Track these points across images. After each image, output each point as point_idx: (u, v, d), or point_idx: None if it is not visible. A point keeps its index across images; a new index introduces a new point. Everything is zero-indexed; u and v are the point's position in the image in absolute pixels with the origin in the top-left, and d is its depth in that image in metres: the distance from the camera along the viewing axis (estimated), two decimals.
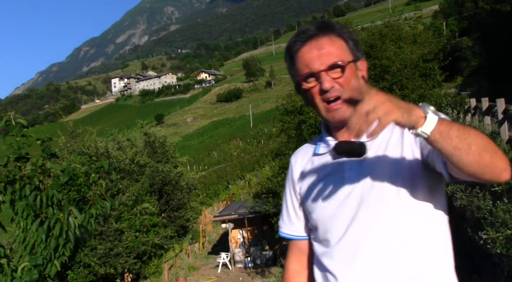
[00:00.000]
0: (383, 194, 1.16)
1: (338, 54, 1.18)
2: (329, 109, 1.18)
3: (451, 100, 13.14)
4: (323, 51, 1.17)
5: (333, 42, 1.19)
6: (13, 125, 2.78)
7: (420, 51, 12.85)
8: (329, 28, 1.22)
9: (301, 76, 1.19)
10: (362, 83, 1.22)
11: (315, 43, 1.19)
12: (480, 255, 4.69)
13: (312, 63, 1.17)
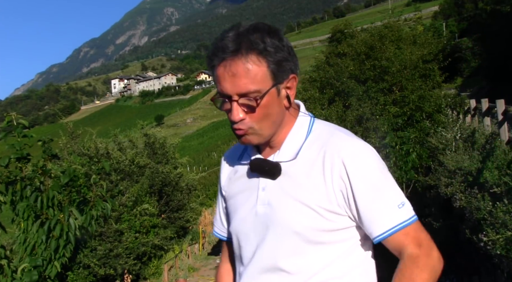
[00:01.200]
0: (289, 223, 1.08)
1: (254, 83, 1.04)
2: (237, 134, 1.11)
3: (450, 101, 13.15)
4: (236, 79, 1.04)
5: (248, 69, 1.03)
6: (15, 126, 2.78)
7: (419, 52, 12.86)
8: (250, 46, 1.04)
9: (216, 95, 1.10)
10: (282, 109, 1.11)
11: (229, 67, 1.04)
12: (480, 256, 4.69)
13: (225, 88, 1.05)
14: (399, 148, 8.27)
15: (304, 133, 1.15)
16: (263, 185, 1.14)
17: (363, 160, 1.08)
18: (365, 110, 11.96)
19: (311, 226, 1.08)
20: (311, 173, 1.09)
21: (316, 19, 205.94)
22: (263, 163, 1.13)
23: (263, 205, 1.13)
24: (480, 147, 6.75)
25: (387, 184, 1.09)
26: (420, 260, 1.05)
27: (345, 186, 1.07)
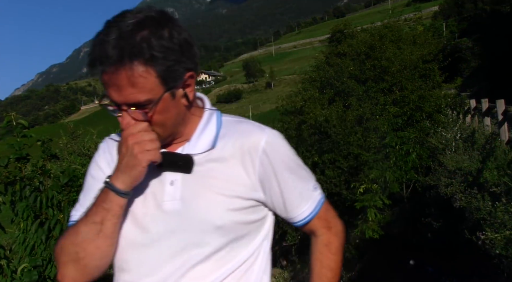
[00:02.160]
0: (211, 218, 1.02)
1: (143, 92, 0.95)
2: None
3: (451, 101, 13.15)
4: (123, 91, 0.94)
5: (134, 80, 0.93)
6: (15, 126, 2.79)
7: (419, 52, 12.87)
8: (134, 54, 0.92)
9: (104, 99, 1.00)
10: (180, 109, 1.03)
11: (113, 78, 0.94)
12: (480, 256, 4.69)
13: (112, 96, 0.96)
14: (399, 148, 8.28)
15: (214, 125, 1.09)
16: (171, 179, 1.04)
17: (281, 148, 1.10)
18: (365, 110, 11.96)
19: (235, 219, 1.05)
20: (229, 164, 1.05)
21: (316, 19, 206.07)
22: (174, 157, 1.04)
23: (172, 201, 1.03)
24: (480, 147, 6.76)
25: (303, 169, 1.15)
26: (332, 245, 1.18)
27: (268, 174, 1.07)
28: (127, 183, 0.97)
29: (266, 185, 1.08)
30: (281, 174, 1.09)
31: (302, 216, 1.15)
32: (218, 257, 1.04)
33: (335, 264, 1.17)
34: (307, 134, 12.84)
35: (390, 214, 9.08)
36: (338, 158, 12.01)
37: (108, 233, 0.99)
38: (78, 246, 0.99)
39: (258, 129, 1.10)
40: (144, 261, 1.03)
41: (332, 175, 11.95)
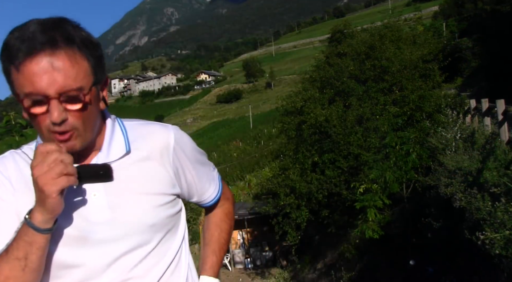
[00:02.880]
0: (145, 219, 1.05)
1: (77, 79, 0.92)
2: (60, 139, 0.94)
3: (451, 101, 13.14)
4: (57, 74, 0.90)
5: (71, 63, 0.91)
6: (13, 125, 2.78)
7: (419, 52, 12.87)
8: (68, 38, 0.91)
9: (25, 97, 0.91)
10: (99, 111, 1.02)
11: (46, 59, 0.89)
12: (480, 256, 4.68)
13: (40, 85, 0.89)
14: (399, 148, 8.27)
15: (119, 131, 1.09)
16: (92, 192, 1.01)
17: (187, 141, 1.21)
18: (365, 110, 11.95)
19: (164, 215, 1.09)
20: (147, 164, 1.08)
21: (316, 19, 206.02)
22: (93, 169, 1.01)
23: (100, 212, 1.01)
24: (480, 147, 6.75)
25: (202, 154, 1.28)
26: (231, 212, 1.37)
27: (182, 167, 1.15)
28: (46, 219, 0.91)
29: (181, 178, 1.16)
30: (192, 165, 1.19)
31: (212, 196, 1.29)
32: (156, 252, 1.08)
33: (231, 228, 1.36)
34: (307, 134, 12.83)
35: (390, 214, 9.08)
36: (338, 158, 12.01)
37: (34, 267, 0.93)
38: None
39: (164, 128, 1.16)
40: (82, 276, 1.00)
41: (332, 175, 11.95)
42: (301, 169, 12.99)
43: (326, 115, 12.24)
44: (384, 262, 8.69)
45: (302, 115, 13.24)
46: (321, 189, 12.08)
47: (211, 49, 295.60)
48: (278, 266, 16.71)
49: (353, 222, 10.08)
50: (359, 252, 10.29)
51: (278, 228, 13.84)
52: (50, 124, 0.92)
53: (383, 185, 7.98)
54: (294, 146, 13.76)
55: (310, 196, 12.34)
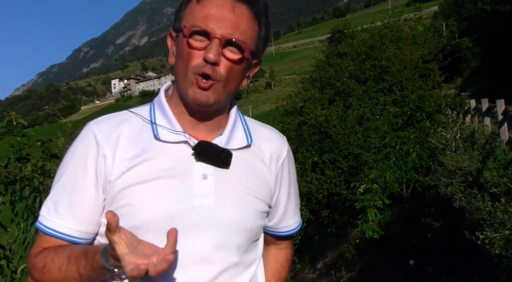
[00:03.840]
0: (243, 219, 0.98)
1: (245, 34, 0.91)
2: (201, 85, 0.90)
3: (450, 101, 13.14)
4: (231, 19, 0.90)
5: (248, 18, 0.92)
6: (15, 126, 2.78)
7: (419, 52, 12.88)
8: (260, 3, 0.95)
9: (191, 27, 0.90)
10: (239, 84, 0.98)
11: (232, 4, 0.90)
12: (479, 256, 4.69)
13: (212, 21, 0.89)
14: (399, 148, 8.27)
15: (241, 121, 1.05)
16: (203, 173, 0.94)
17: (293, 159, 1.14)
18: (365, 110, 11.95)
19: (260, 223, 1.03)
20: (260, 165, 1.03)
21: (316, 19, 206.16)
22: (216, 149, 0.95)
23: (205, 196, 0.94)
24: (480, 147, 6.76)
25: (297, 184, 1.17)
26: (290, 260, 1.23)
27: (281, 182, 1.08)
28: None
29: (275, 193, 1.07)
30: (289, 185, 1.10)
31: (292, 227, 1.16)
32: (244, 259, 1.00)
33: (287, 276, 1.22)
34: (307, 134, 12.83)
35: (390, 214, 9.08)
36: (338, 158, 12.01)
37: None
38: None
39: (281, 137, 1.11)
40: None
41: (332, 175, 11.95)
42: (301, 169, 12.99)
43: (326, 115, 12.25)
44: (384, 262, 8.69)
45: (302, 115, 13.25)
46: (321, 189, 12.08)
47: None
48: None
49: (353, 222, 10.08)
50: (359, 252, 10.29)
51: None
52: (200, 63, 0.89)
53: (383, 185, 7.98)
54: (294, 146, 13.76)
55: (310, 196, 12.34)
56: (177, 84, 0.97)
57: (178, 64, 0.93)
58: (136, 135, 0.96)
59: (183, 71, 0.91)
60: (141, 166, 0.92)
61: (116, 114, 1.03)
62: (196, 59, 0.89)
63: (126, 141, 0.95)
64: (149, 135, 0.96)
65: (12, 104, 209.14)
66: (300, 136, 13.33)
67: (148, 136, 0.96)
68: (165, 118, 0.98)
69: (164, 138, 0.95)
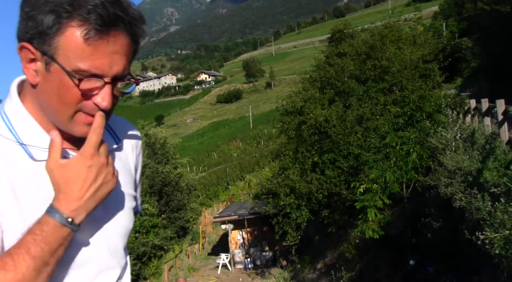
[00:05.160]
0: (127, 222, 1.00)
1: (127, 65, 0.86)
2: (90, 122, 0.84)
3: (451, 101, 13.14)
4: (123, 57, 0.83)
5: (129, 48, 0.84)
6: None
7: (420, 52, 12.87)
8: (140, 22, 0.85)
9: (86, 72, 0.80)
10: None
11: (124, 39, 0.82)
12: (479, 256, 4.69)
13: (104, 63, 0.80)
14: (399, 148, 8.27)
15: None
16: None
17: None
18: (365, 110, 11.95)
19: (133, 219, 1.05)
20: (125, 160, 1.03)
21: (316, 19, 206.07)
22: None
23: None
24: (480, 147, 6.75)
25: None
26: None
27: (138, 168, 1.09)
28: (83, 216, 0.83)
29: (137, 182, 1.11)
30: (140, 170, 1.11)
31: (139, 208, 1.15)
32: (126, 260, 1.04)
33: None
34: (307, 134, 12.83)
35: (390, 214, 9.07)
36: (338, 158, 12.01)
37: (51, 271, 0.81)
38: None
39: (133, 126, 1.09)
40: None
41: (332, 175, 11.95)
42: (301, 169, 12.99)
43: (326, 115, 12.24)
44: (384, 262, 8.69)
45: (302, 115, 13.25)
46: (321, 189, 12.08)
47: (211, 49, 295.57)
48: (278, 266, 16.71)
49: (353, 222, 10.08)
50: (359, 252, 10.29)
51: (278, 228, 13.84)
52: (89, 105, 0.83)
53: (383, 185, 7.98)
54: (294, 146, 13.76)
55: (310, 196, 12.34)
56: (48, 112, 0.86)
57: (54, 98, 0.82)
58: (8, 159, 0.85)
59: (66, 110, 0.83)
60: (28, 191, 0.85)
61: None
62: (85, 100, 0.83)
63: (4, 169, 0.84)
64: (23, 157, 0.86)
65: None
66: (300, 136, 13.33)
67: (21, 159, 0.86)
68: (30, 132, 0.87)
69: (40, 158, 0.86)
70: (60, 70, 0.80)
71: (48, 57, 0.80)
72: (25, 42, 0.81)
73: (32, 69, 0.83)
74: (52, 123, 0.87)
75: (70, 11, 0.77)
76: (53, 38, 0.79)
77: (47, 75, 0.82)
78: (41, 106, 0.86)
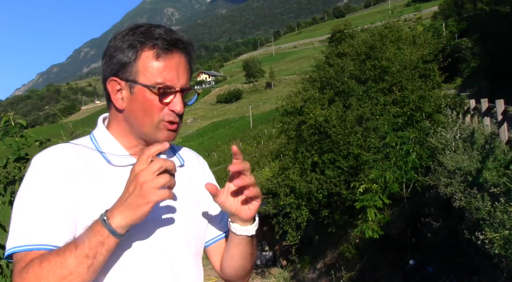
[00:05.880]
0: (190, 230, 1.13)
1: (188, 79, 1.08)
2: (171, 128, 1.06)
3: (450, 101, 13.16)
4: (184, 71, 1.06)
5: (188, 65, 1.08)
6: (13, 126, 2.78)
7: (419, 52, 12.87)
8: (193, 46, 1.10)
9: (163, 86, 1.02)
10: None
11: (183, 59, 1.06)
12: (479, 256, 4.69)
13: (174, 76, 1.03)
14: (399, 148, 8.27)
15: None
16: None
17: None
18: (365, 110, 11.95)
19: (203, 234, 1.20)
20: (195, 182, 1.18)
21: (316, 19, 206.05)
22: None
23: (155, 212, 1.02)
24: (480, 147, 6.76)
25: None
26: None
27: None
28: (127, 225, 0.92)
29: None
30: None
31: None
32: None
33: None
34: (307, 134, 12.84)
35: (390, 214, 9.08)
36: (338, 158, 12.01)
37: (98, 267, 0.92)
38: (64, 280, 0.88)
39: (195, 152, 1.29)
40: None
41: (332, 175, 11.96)
42: (301, 169, 12.99)
43: (326, 115, 12.25)
44: (384, 262, 8.70)
45: (302, 115, 13.25)
46: (321, 189, 12.08)
47: (211, 49, 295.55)
48: (278, 265, 16.71)
49: (353, 222, 10.09)
50: (359, 252, 10.30)
51: (278, 228, 13.84)
52: (167, 112, 1.04)
53: (383, 185, 7.98)
54: (294, 146, 13.77)
55: (310, 196, 12.35)
56: (136, 128, 1.07)
57: (140, 114, 1.04)
58: (88, 162, 1.04)
59: (151, 121, 1.04)
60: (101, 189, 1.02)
61: (58, 146, 1.09)
62: (164, 110, 1.04)
63: (82, 169, 1.03)
64: (101, 162, 1.06)
65: (12, 104, 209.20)
66: (300, 136, 13.33)
67: (99, 163, 1.06)
68: (111, 146, 1.09)
69: (116, 163, 1.07)
70: (143, 89, 1.02)
71: (131, 82, 1.03)
72: (112, 76, 1.04)
73: (119, 98, 1.05)
74: (134, 143, 1.09)
75: (143, 41, 1.02)
76: (133, 65, 1.02)
77: (131, 98, 1.04)
78: (130, 125, 1.07)
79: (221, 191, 1.05)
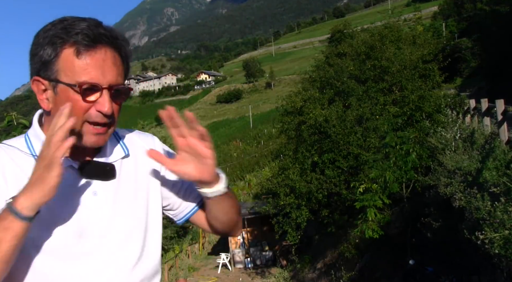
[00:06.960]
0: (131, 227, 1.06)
1: (122, 76, 1.00)
2: (97, 132, 0.97)
3: (450, 101, 13.15)
4: (112, 67, 0.96)
5: (122, 60, 1.00)
6: (15, 126, 2.78)
7: (419, 52, 12.87)
8: (125, 39, 1.02)
9: (85, 85, 0.94)
10: None
11: (111, 52, 0.96)
12: (479, 256, 4.69)
13: (98, 74, 0.94)
14: (399, 148, 8.27)
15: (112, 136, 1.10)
16: (93, 190, 1.01)
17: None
18: (365, 110, 11.96)
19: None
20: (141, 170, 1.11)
21: (316, 19, 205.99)
22: (97, 166, 1.01)
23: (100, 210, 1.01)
24: (480, 147, 6.77)
25: None
26: None
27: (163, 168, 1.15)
28: (32, 205, 0.86)
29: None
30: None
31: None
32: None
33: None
34: (307, 134, 12.84)
35: (390, 214, 9.08)
36: (338, 158, 12.02)
37: (3, 256, 0.86)
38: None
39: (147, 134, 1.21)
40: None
41: (332, 175, 11.96)
42: (301, 169, 13.00)
43: (326, 115, 12.25)
44: (384, 262, 8.70)
45: (302, 115, 13.25)
46: (321, 189, 12.09)
47: (211, 49, 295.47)
48: (278, 265, 16.72)
49: (353, 222, 10.09)
50: (359, 252, 10.30)
51: (278, 228, 13.85)
52: (93, 113, 0.96)
53: (383, 185, 7.98)
54: (294, 146, 13.77)
55: (310, 195, 12.35)
56: None
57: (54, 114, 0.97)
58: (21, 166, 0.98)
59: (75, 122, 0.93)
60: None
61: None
62: (89, 111, 0.96)
63: (13, 173, 0.97)
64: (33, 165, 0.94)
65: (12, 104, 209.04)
66: (300, 136, 13.34)
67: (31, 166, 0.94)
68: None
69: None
70: (65, 88, 0.95)
71: (53, 81, 0.96)
72: (35, 76, 0.98)
73: (45, 98, 1.00)
74: None
75: (63, 37, 0.94)
76: (54, 63, 0.95)
77: (56, 98, 0.97)
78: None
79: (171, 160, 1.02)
